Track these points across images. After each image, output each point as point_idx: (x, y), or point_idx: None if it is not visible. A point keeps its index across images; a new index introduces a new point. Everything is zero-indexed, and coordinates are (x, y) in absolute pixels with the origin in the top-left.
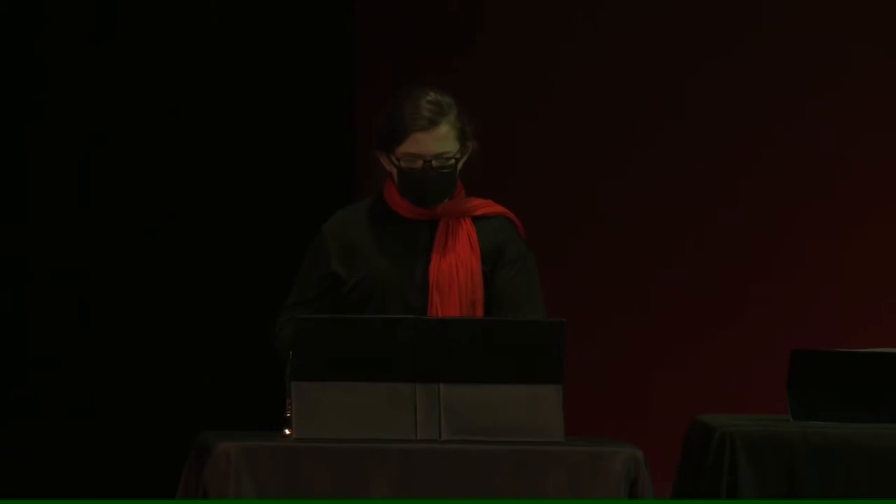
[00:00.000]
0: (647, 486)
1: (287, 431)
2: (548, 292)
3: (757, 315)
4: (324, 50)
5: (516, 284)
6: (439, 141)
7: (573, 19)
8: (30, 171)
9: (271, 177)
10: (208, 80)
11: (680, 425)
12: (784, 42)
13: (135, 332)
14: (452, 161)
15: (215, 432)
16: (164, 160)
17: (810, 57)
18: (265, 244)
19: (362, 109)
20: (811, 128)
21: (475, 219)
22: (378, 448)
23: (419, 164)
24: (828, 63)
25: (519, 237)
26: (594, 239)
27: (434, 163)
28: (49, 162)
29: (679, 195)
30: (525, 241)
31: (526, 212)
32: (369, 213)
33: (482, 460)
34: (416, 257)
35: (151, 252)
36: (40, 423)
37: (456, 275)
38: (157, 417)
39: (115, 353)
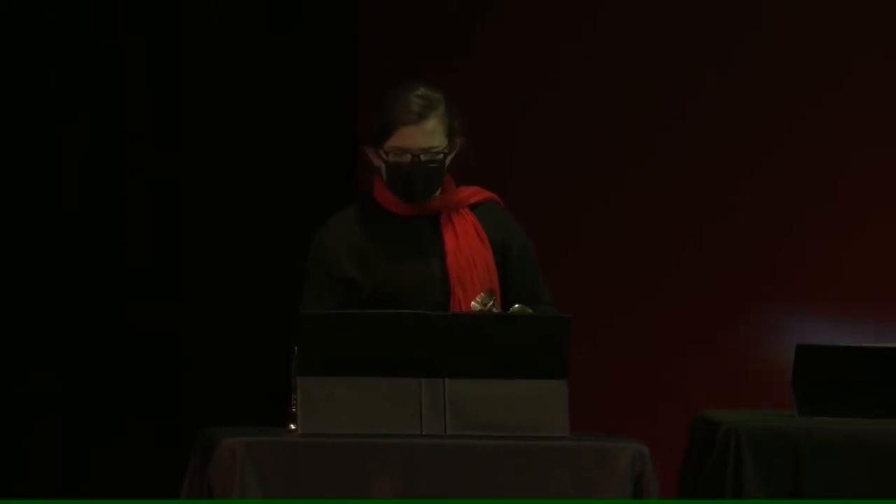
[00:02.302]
0: (653, 482)
1: (292, 426)
2: (550, 289)
3: (760, 311)
4: (326, 50)
5: (529, 272)
6: (427, 135)
7: (573, 19)
8: (30, 172)
9: (274, 177)
10: (209, 81)
11: (684, 421)
12: (784, 42)
13: (135, 329)
14: (440, 156)
15: (220, 428)
16: (167, 160)
17: (810, 57)
18: (267, 242)
19: (364, 109)
20: (811, 128)
21: (470, 207)
22: (383, 443)
23: (407, 158)
24: (828, 63)
25: (517, 225)
26: (596, 236)
27: (422, 157)
28: (48, 163)
29: (680, 193)
30: (519, 226)
31: (526, 210)
32: (364, 216)
33: (487, 455)
34: (430, 254)
35: (153, 249)
36: (40, 423)
37: (474, 267)
38: (161, 414)
39: (116, 351)
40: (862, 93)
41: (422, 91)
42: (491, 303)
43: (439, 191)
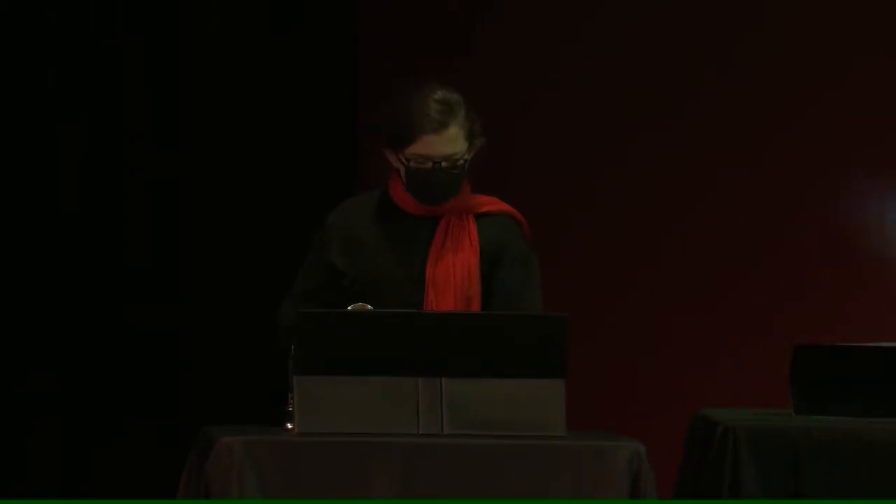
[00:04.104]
0: (650, 481)
1: (289, 425)
2: (547, 287)
3: (758, 310)
4: (326, 50)
5: (516, 282)
6: (449, 143)
7: (573, 19)
8: (30, 172)
9: (276, 175)
10: (209, 81)
11: (680, 420)
12: (784, 42)
13: (135, 329)
14: (461, 162)
15: (217, 427)
16: (167, 160)
17: (810, 57)
18: (267, 242)
19: (365, 108)
20: (811, 128)
21: (479, 216)
22: (380, 442)
23: (429, 165)
24: (828, 63)
25: (523, 237)
26: (594, 235)
27: (444, 164)
28: (48, 163)
29: (680, 193)
30: (529, 243)
31: (526, 210)
32: (374, 206)
33: (484, 455)
34: (416, 253)
35: (153, 249)
36: (40, 423)
37: (452, 272)
38: (161, 414)
39: (116, 351)
40: (862, 93)
41: (440, 94)
42: None
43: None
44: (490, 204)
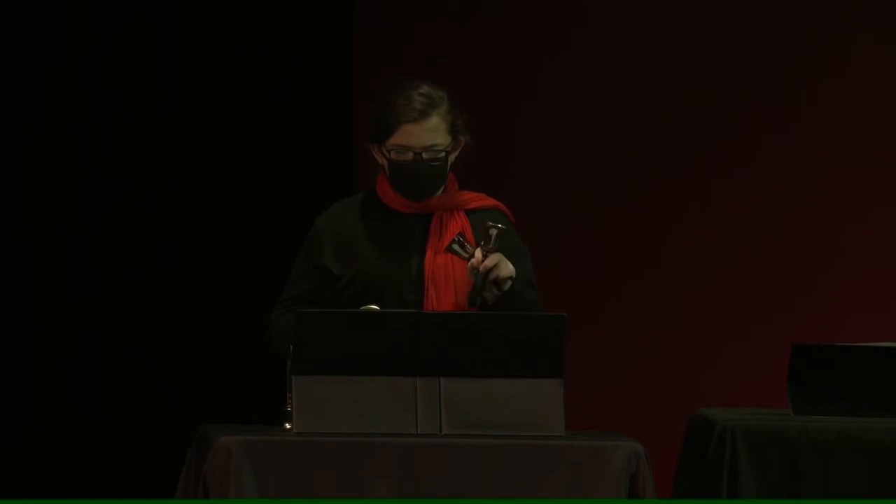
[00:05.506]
0: (648, 480)
1: (287, 425)
2: (546, 287)
3: (757, 310)
4: (324, 50)
5: (516, 280)
6: (429, 133)
7: (572, 19)
8: (29, 172)
9: (272, 174)
10: (209, 81)
11: (679, 419)
12: (784, 42)
13: (134, 326)
14: (443, 154)
15: (216, 426)
16: (166, 157)
17: (810, 56)
18: (265, 239)
19: (361, 106)
20: (810, 127)
21: (468, 212)
22: (379, 442)
23: (409, 156)
24: (828, 62)
25: (513, 230)
26: (591, 233)
27: (424, 155)
28: (49, 161)
29: (679, 193)
30: (518, 233)
31: (523, 208)
32: (363, 207)
33: (483, 455)
34: (411, 252)
35: (152, 247)
36: (40, 422)
37: (451, 269)
38: (161, 414)
39: (115, 350)
40: (861, 92)
41: (424, 88)
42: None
43: (441, 189)
44: (478, 200)
